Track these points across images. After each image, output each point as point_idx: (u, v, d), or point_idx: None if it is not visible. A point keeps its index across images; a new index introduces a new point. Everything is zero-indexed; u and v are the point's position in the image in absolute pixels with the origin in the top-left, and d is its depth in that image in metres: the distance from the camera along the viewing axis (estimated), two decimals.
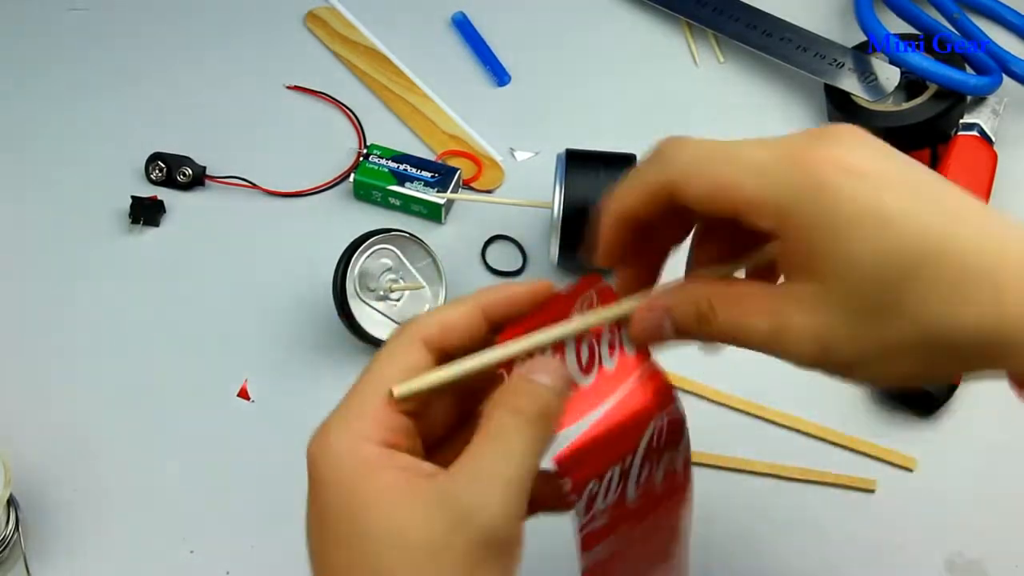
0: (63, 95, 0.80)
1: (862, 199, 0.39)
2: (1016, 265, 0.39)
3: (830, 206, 0.39)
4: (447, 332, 0.43)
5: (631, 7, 0.86)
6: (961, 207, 0.40)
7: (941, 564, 0.59)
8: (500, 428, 0.41)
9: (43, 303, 0.69)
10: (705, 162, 0.42)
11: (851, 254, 0.39)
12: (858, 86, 0.76)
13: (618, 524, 0.44)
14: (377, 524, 0.40)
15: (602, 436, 0.43)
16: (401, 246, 0.67)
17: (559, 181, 0.67)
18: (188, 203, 0.74)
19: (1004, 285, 0.39)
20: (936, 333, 0.40)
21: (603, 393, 0.44)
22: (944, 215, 0.40)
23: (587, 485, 0.43)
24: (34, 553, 0.59)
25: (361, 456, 0.41)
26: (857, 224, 0.39)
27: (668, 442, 0.45)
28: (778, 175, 0.40)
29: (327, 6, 0.85)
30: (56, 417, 0.64)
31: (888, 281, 0.39)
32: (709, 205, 0.41)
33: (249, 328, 0.68)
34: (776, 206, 0.40)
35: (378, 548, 0.39)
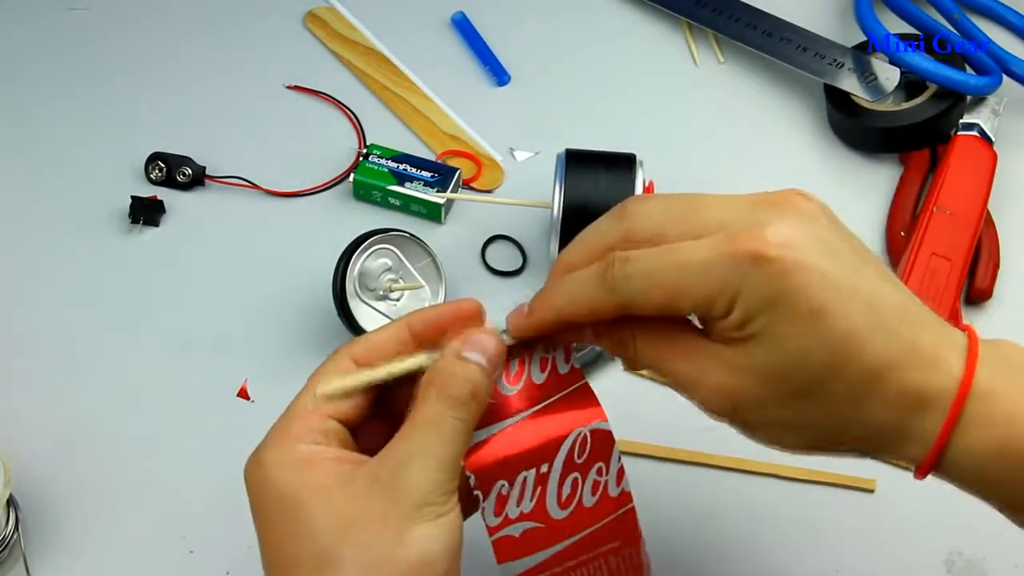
0: (63, 95, 0.80)
1: (805, 295, 0.41)
2: (930, 378, 0.42)
3: (774, 298, 0.41)
4: (374, 350, 0.46)
5: (631, 7, 0.86)
6: (892, 310, 0.42)
7: (941, 564, 0.59)
8: (430, 412, 0.43)
9: (43, 303, 0.69)
10: (656, 281, 0.43)
11: (782, 344, 0.42)
12: (858, 86, 0.76)
13: (547, 539, 0.45)
14: (316, 510, 0.42)
15: (515, 438, 0.45)
16: (401, 246, 0.67)
17: (559, 181, 0.67)
18: (188, 203, 0.74)
19: (914, 393, 0.42)
20: (840, 422, 0.43)
21: (525, 402, 0.46)
22: (873, 320, 0.42)
23: (495, 484, 0.44)
24: (34, 553, 0.59)
25: (293, 456, 0.44)
26: (794, 319, 0.41)
27: (592, 457, 0.45)
28: (728, 271, 0.41)
29: (327, 6, 0.85)
30: (56, 417, 0.64)
31: (809, 371, 0.42)
32: (662, 312, 0.43)
33: (249, 328, 0.68)
34: (727, 299, 0.42)
35: (320, 532, 0.41)
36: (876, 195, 0.74)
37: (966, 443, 0.42)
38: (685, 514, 0.61)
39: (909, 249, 0.69)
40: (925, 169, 0.74)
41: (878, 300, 0.42)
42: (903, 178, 0.75)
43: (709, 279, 0.42)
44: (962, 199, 0.71)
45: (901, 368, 0.42)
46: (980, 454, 0.42)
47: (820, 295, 0.41)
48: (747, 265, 0.41)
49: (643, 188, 0.67)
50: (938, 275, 0.68)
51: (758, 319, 0.41)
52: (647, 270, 0.43)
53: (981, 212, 0.71)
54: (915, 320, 0.43)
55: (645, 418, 0.64)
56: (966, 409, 0.42)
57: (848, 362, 0.41)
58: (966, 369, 0.42)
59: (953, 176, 0.72)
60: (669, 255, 0.42)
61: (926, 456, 0.43)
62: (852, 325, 0.41)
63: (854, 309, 0.41)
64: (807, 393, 0.42)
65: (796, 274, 0.41)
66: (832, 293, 0.41)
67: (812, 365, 0.42)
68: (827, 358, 0.41)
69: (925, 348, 0.42)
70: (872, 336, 0.41)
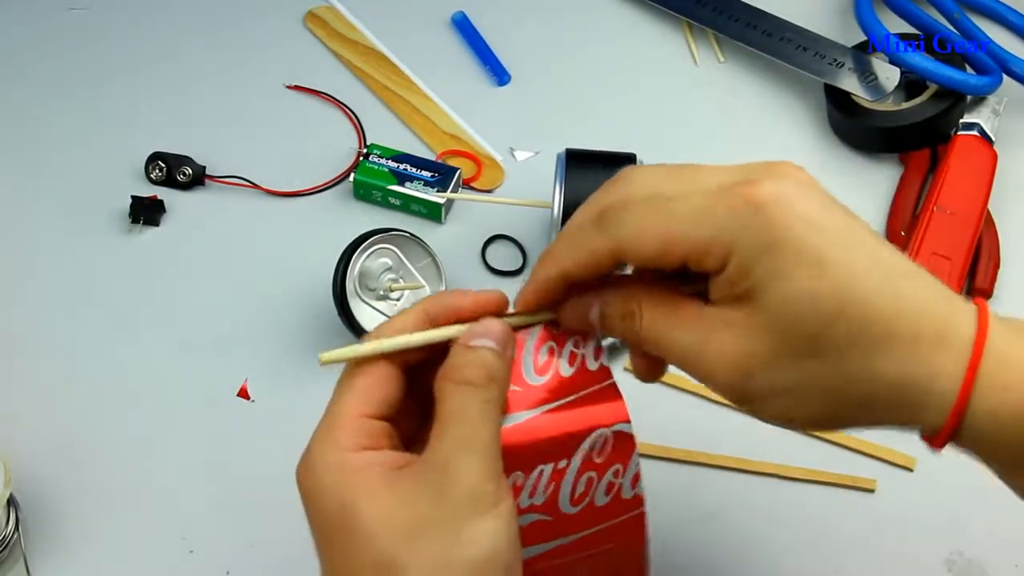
0: (63, 95, 0.80)
1: (806, 242, 0.41)
2: (943, 330, 0.41)
3: (774, 244, 0.41)
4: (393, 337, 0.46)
5: (631, 7, 0.86)
6: (895, 266, 0.42)
7: (941, 564, 0.59)
8: (454, 402, 0.43)
9: (43, 303, 0.69)
10: (650, 224, 0.43)
11: (787, 290, 0.41)
12: (858, 86, 0.76)
13: (553, 532, 0.45)
14: (367, 517, 0.42)
15: (536, 430, 0.44)
16: (401, 246, 0.67)
17: (559, 181, 0.67)
18: (188, 203, 0.74)
19: (927, 346, 0.41)
20: (852, 380, 0.41)
21: (551, 395, 0.45)
22: (878, 271, 0.41)
23: (511, 474, 0.44)
24: (34, 553, 0.59)
25: (342, 463, 0.43)
26: (797, 264, 0.40)
27: (611, 458, 0.45)
28: (722, 218, 0.41)
29: (327, 6, 0.85)
30: (56, 417, 0.64)
31: (816, 321, 0.41)
32: (657, 262, 0.43)
33: (249, 328, 0.68)
34: (722, 247, 0.41)
35: (379, 539, 0.41)
36: (876, 195, 0.75)
37: (984, 407, 0.41)
38: (685, 514, 0.61)
39: (910, 249, 0.69)
40: (925, 169, 0.74)
41: (881, 257, 0.41)
42: (903, 178, 0.75)
43: (703, 225, 0.41)
44: (962, 199, 0.71)
45: (912, 320, 0.41)
46: (1000, 418, 0.41)
47: (820, 243, 0.40)
48: (743, 211, 0.41)
49: None
50: (939, 275, 0.66)
51: (756, 269, 0.41)
52: (641, 214, 0.43)
53: (981, 212, 0.71)
54: (921, 280, 0.42)
55: (645, 418, 0.64)
56: (982, 369, 0.41)
57: (855, 313, 0.40)
58: (978, 330, 0.41)
59: (953, 176, 0.72)
60: (664, 203, 0.42)
61: (945, 420, 0.41)
62: (856, 274, 0.40)
63: (858, 261, 0.41)
64: (815, 349, 0.41)
65: (795, 223, 0.41)
66: (833, 243, 0.41)
67: (818, 314, 0.40)
68: (834, 306, 0.40)
69: (934, 307, 0.41)
70: (879, 288, 0.40)
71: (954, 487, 0.62)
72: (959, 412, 0.41)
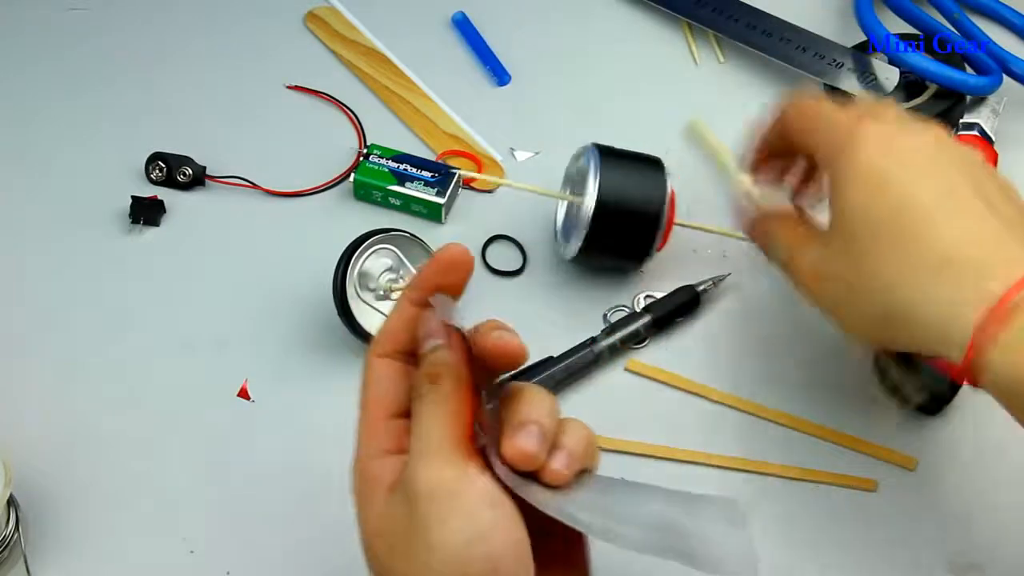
0: (62, 95, 0.80)
1: (877, 165, 0.50)
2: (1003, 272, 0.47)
3: (850, 163, 0.51)
4: (396, 338, 0.47)
5: (631, 7, 0.86)
6: (967, 205, 0.49)
7: (941, 564, 0.59)
8: (417, 413, 0.44)
9: (43, 303, 0.69)
10: (805, 112, 0.56)
11: (848, 201, 0.50)
12: (858, 86, 0.76)
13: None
14: (367, 531, 0.44)
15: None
16: (401, 246, 0.67)
17: (594, 174, 0.66)
18: (188, 203, 0.74)
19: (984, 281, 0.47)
20: (899, 304, 0.49)
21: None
22: (946, 204, 0.49)
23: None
24: (34, 553, 0.59)
25: (361, 471, 0.45)
26: (863, 180, 0.50)
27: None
28: (835, 134, 0.52)
29: (327, 6, 0.85)
30: (56, 417, 0.64)
31: (872, 230, 0.49)
32: (798, 137, 0.56)
33: (249, 328, 0.68)
34: (825, 154, 0.53)
35: (372, 550, 0.44)
36: None
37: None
38: None
39: None
40: None
41: (958, 196, 0.50)
42: None
43: (826, 133, 0.53)
44: None
45: (977, 264, 0.47)
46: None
47: (896, 172, 0.50)
48: (849, 137, 0.52)
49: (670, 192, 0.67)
50: None
51: (837, 184, 0.51)
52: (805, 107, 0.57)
53: None
54: (982, 222, 0.49)
55: (645, 418, 0.64)
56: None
57: (905, 233, 0.49)
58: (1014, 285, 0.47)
59: None
60: (826, 107, 0.55)
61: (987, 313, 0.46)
62: (921, 201, 0.49)
63: (929, 194, 0.49)
64: (870, 256, 0.49)
65: (882, 153, 0.50)
66: (911, 174, 0.50)
67: (874, 226, 0.49)
68: (888, 221, 0.49)
69: (978, 248, 0.48)
70: (936, 217, 0.49)
71: (954, 487, 0.62)
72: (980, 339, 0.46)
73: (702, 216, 0.71)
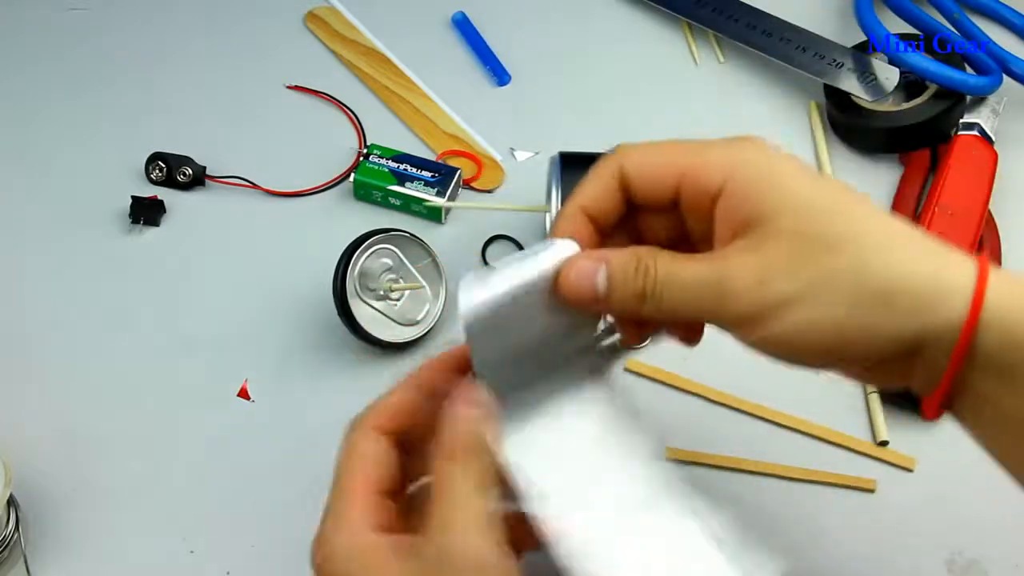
0: (62, 95, 0.80)
1: (798, 165, 0.44)
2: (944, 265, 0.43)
3: (772, 161, 0.44)
4: (396, 417, 0.47)
5: (631, 7, 0.86)
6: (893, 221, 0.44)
7: (941, 564, 0.59)
8: (445, 478, 0.44)
9: (43, 303, 0.69)
10: (653, 147, 0.46)
11: (792, 189, 0.43)
12: (858, 86, 0.76)
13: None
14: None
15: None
16: (401, 246, 0.67)
17: (555, 184, 0.67)
18: (188, 203, 0.74)
19: (936, 254, 0.43)
20: (869, 272, 0.42)
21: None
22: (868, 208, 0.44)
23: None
24: (34, 553, 0.59)
25: (362, 547, 0.44)
26: (798, 174, 0.43)
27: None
28: (720, 144, 0.45)
29: (327, 6, 0.85)
30: (56, 417, 0.64)
31: (827, 211, 0.43)
32: (658, 183, 0.46)
33: (249, 328, 0.68)
34: (720, 164, 0.44)
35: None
36: (877, 195, 0.74)
37: (1001, 300, 0.41)
38: None
39: None
40: (926, 169, 0.74)
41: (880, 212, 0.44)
42: (904, 178, 0.75)
43: (703, 149, 0.45)
44: (963, 199, 0.71)
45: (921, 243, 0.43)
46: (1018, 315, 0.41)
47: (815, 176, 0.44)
48: (737, 141, 0.45)
49: None
50: None
51: (759, 181, 0.43)
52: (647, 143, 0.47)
53: (982, 212, 0.70)
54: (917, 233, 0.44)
55: (646, 419, 0.64)
56: (991, 276, 0.42)
57: (860, 212, 0.43)
58: (979, 264, 0.42)
59: (954, 176, 0.72)
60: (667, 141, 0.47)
61: (968, 307, 0.41)
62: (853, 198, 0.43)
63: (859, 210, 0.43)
64: (829, 246, 0.42)
65: (789, 159, 0.44)
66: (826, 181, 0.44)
67: (828, 206, 0.43)
68: (841, 200, 0.43)
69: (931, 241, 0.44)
70: (875, 214, 0.43)
71: (954, 487, 0.62)
72: (980, 295, 0.41)
73: None
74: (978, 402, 0.43)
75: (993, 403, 0.43)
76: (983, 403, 0.43)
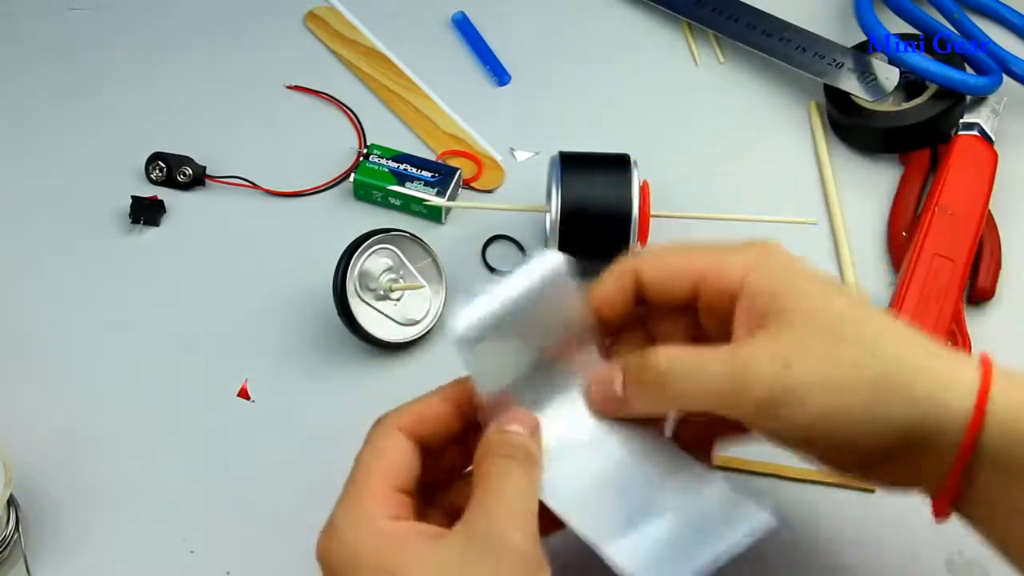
0: (63, 95, 0.80)
1: (813, 269, 0.47)
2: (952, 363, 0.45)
3: (792, 262, 0.47)
4: (422, 423, 0.48)
5: (631, 7, 0.86)
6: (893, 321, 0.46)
7: (941, 564, 0.59)
8: (499, 472, 0.45)
9: (43, 303, 0.69)
10: (669, 249, 0.49)
11: (808, 290, 0.45)
12: (858, 86, 0.76)
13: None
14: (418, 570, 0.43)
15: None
16: (401, 246, 0.67)
17: (555, 184, 0.67)
18: (188, 203, 0.74)
19: (943, 359, 0.44)
20: (886, 361, 0.44)
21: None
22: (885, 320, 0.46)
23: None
24: (34, 553, 0.59)
25: (378, 532, 0.44)
26: (813, 276, 0.46)
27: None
28: (741, 246, 0.47)
29: (327, 6, 0.85)
30: (56, 417, 0.64)
31: (848, 313, 0.45)
32: (675, 282, 0.48)
33: (249, 328, 0.68)
34: (742, 263, 0.46)
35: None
36: (877, 196, 0.74)
37: (1005, 399, 0.43)
38: None
39: (911, 250, 0.69)
40: (926, 169, 0.74)
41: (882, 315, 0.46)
42: (904, 178, 0.75)
43: (719, 250, 0.48)
44: (963, 199, 0.71)
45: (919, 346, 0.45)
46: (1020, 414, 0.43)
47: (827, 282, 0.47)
48: (754, 243, 0.47)
49: (639, 188, 0.67)
50: (940, 275, 0.67)
51: (786, 280, 0.46)
52: (663, 246, 0.50)
53: (982, 212, 0.70)
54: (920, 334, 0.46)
55: None
56: (994, 378, 0.43)
57: (877, 315, 0.46)
58: (983, 370, 0.44)
59: (954, 176, 0.72)
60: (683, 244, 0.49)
61: (975, 397, 0.43)
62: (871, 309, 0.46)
63: (869, 309, 0.46)
64: (849, 338, 0.44)
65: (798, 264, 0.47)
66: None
67: (848, 309, 0.45)
68: (862, 306, 0.46)
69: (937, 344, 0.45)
70: (884, 314, 0.46)
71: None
72: (985, 388, 0.43)
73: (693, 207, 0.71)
74: (986, 498, 0.44)
75: (1002, 498, 0.44)
76: (991, 499, 0.44)
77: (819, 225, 0.72)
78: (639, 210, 0.66)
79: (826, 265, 0.71)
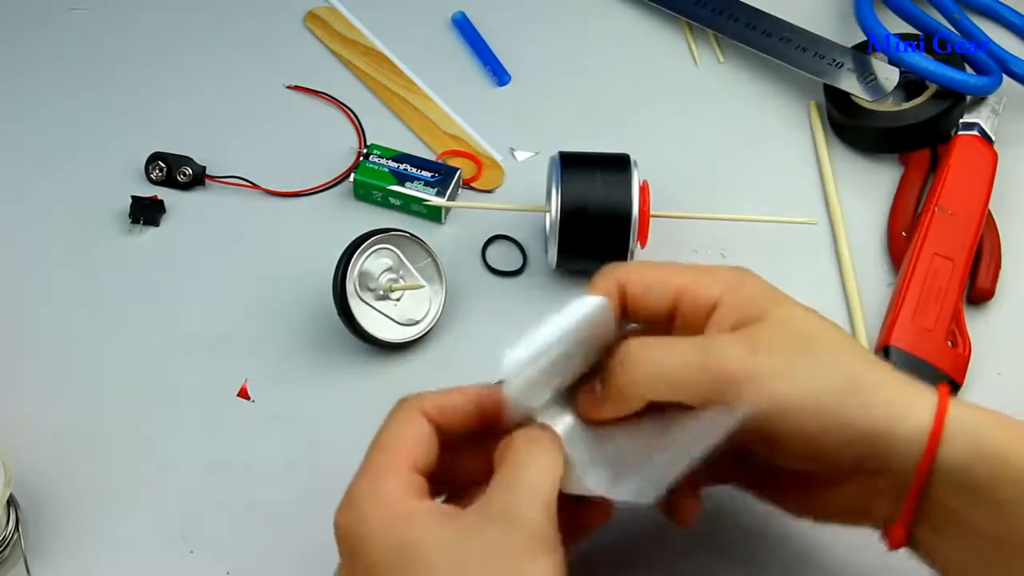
0: (63, 95, 0.80)
1: (789, 296, 0.49)
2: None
3: (769, 285, 0.49)
4: (443, 412, 0.48)
5: (631, 7, 0.86)
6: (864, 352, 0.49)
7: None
8: (525, 455, 0.46)
9: (43, 303, 0.69)
10: (651, 264, 0.51)
11: (789, 309, 0.48)
12: (858, 86, 0.76)
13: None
14: (431, 551, 0.43)
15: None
16: (401, 246, 0.67)
17: (555, 184, 0.67)
18: (188, 203, 0.74)
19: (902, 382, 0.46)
20: (848, 368, 0.46)
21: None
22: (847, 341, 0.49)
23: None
24: (34, 553, 0.59)
25: (397, 506, 0.45)
26: (790, 299, 0.49)
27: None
28: (721, 267, 0.50)
29: (327, 6, 0.85)
30: (56, 417, 0.64)
31: (818, 329, 0.47)
32: (652, 295, 0.49)
33: (249, 328, 0.68)
34: (723, 279, 0.49)
35: (435, 569, 0.43)
36: (877, 196, 0.74)
37: (961, 415, 0.45)
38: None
39: (911, 249, 0.69)
40: (926, 169, 0.74)
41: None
42: (904, 178, 0.75)
43: (701, 271, 0.50)
44: (963, 199, 0.71)
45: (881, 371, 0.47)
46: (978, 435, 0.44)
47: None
48: (731, 268, 0.50)
49: (639, 188, 0.67)
50: (940, 275, 0.67)
51: (762, 297, 0.49)
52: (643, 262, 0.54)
53: (982, 212, 0.71)
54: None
55: None
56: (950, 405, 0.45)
57: (845, 337, 0.48)
58: (940, 389, 0.46)
59: (954, 176, 0.72)
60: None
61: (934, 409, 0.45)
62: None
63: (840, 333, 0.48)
64: (816, 344, 0.47)
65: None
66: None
67: (821, 327, 0.48)
68: (833, 327, 0.48)
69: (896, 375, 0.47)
70: (853, 340, 0.50)
71: None
72: (943, 405, 0.45)
73: (693, 207, 0.71)
74: (944, 521, 0.45)
75: (960, 521, 0.45)
76: (949, 523, 0.45)
77: (819, 225, 0.72)
78: (639, 210, 0.66)
79: (826, 265, 0.71)
